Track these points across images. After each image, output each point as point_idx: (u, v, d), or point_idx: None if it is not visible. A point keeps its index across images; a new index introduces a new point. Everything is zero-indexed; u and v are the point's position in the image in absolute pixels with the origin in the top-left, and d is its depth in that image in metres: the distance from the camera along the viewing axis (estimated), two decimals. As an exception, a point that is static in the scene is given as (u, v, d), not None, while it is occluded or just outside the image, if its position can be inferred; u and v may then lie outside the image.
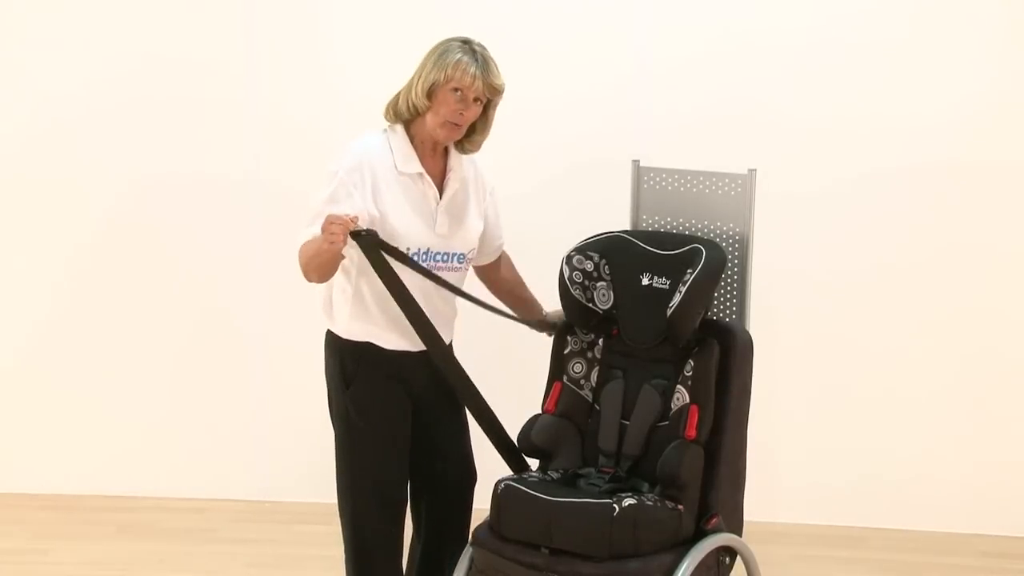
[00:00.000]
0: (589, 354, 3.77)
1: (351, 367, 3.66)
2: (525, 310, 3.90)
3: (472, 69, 3.51)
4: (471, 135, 3.62)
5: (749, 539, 3.70)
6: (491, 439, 3.74)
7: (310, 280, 3.56)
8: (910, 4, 4.83)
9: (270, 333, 5.18)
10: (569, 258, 3.72)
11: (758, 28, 4.88)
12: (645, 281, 3.69)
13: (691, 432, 3.51)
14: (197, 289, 5.17)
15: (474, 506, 3.90)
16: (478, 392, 3.70)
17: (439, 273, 3.61)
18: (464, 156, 3.68)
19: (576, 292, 3.70)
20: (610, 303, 3.72)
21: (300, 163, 5.01)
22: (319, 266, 3.49)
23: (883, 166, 4.86)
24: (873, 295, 4.92)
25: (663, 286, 3.65)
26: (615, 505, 3.37)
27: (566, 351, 3.78)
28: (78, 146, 5.14)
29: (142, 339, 5.20)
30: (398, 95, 3.60)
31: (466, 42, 3.57)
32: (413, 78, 3.56)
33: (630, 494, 3.47)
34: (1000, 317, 4.89)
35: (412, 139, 3.60)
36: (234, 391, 5.21)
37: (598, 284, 3.72)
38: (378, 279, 3.53)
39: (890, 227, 4.89)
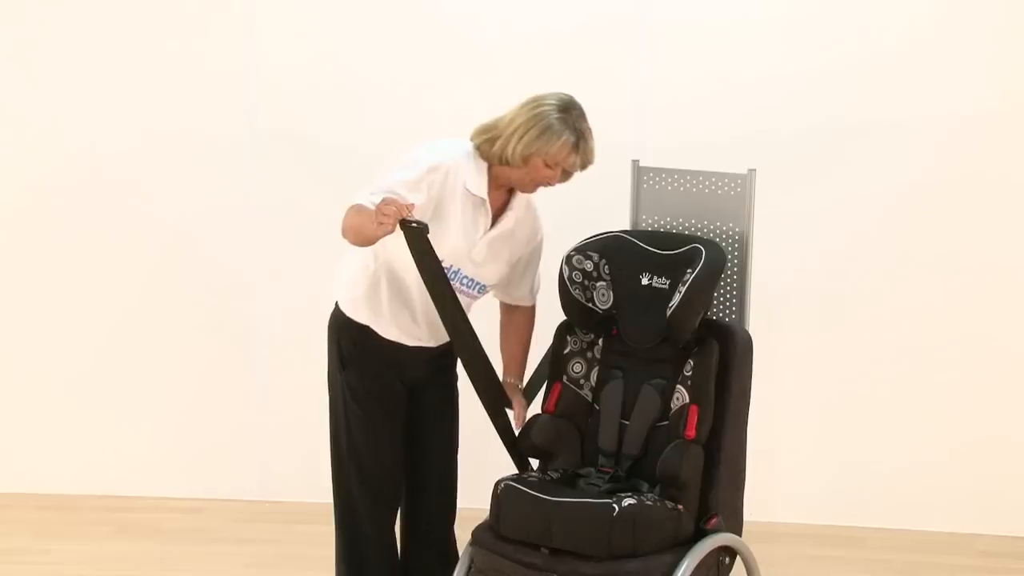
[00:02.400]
0: (589, 354, 3.77)
1: (348, 349, 3.70)
2: (507, 364, 3.85)
3: (573, 155, 3.55)
4: None
5: (749, 539, 3.70)
6: (500, 434, 3.75)
7: (345, 238, 3.47)
8: (910, 3, 4.82)
9: (270, 333, 5.17)
10: (569, 258, 3.72)
11: (758, 27, 4.88)
12: (645, 281, 3.69)
13: (691, 432, 3.51)
14: (196, 289, 5.17)
15: (474, 506, 3.91)
16: (501, 390, 3.72)
17: (457, 294, 3.63)
18: (526, 200, 3.69)
19: (576, 292, 3.71)
20: (610, 303, 3.72)
21: (304, 131, 5.04)
22: (358, 237, 3.43)
23: (884, 166, 4.85)
24: (873, 295, 4.92)
25: (663, 286, 3.65)
26: (615, 505, 3.37)
27: (566, 351, 3.78)
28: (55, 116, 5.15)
29: (142, 338, 5.20)
30: (493, 138, 3.56)
31: (566, 111, 3.54)
32: (510, 133, 3.53)
33: (630, 494, 3.47)
34: (1001, 317, 4.88)
35: (489, 168, 3.61)
36: (234, 391, 5.21)
37: (598, 284, 3.72)
38: (400, 276, 3.55)
39: (891, 227, 4.88)
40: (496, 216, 3.65)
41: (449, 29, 4.98)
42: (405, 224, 3.35)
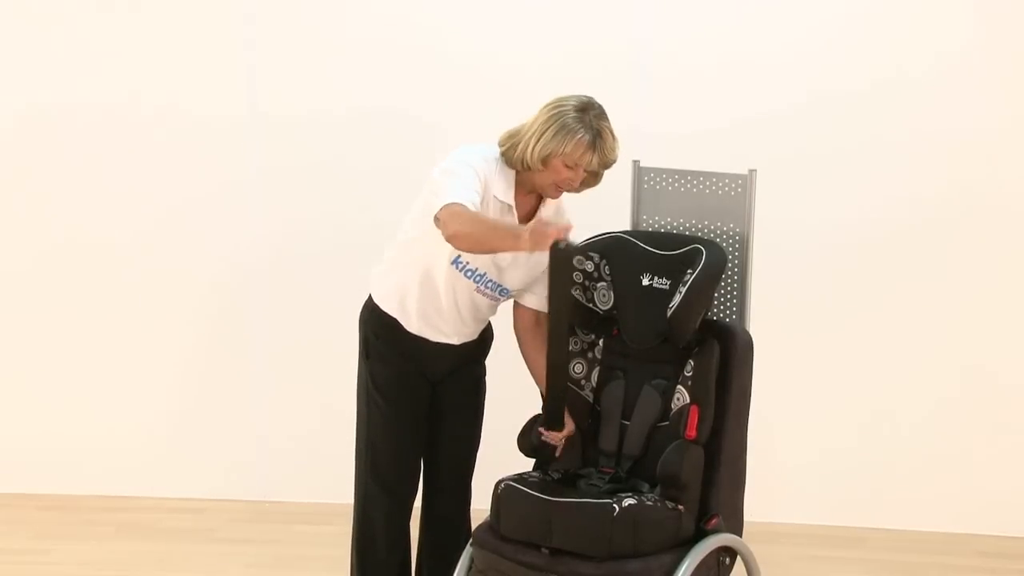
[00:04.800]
0: (590, 354, 3.77)
1: (373, 339, 3.77)
2: (541, 378, 3.80)
3: (589, 153, 3.53)
4: (580, 185, 3.64)
5: (749, 539, 3.71)
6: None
7: (456, 242, 3.43)
8: (913, 4, 4.82)
9: (271, 333, 5.17)
10: (569, 258, 3.72)
11: (758, 27, 4.88)
12: (645, 281, 3.69)
13: (691, 432, 3.52)
14: (196, 289, 5.17)
15: (475, 506, 3.92)
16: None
17: (481, 296, 3.69)
18: (555, 206, 3.70)
19: (576, 292, 3.71)
20: (610, 303, 3.72)
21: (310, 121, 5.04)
22: (487, 244, 3.40)
23: (884, 166, 4.86)
24: (873, 295, 4.92)
25: (663, 286, 3.65)
26: (615, 505, 3.38)
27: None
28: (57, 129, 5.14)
29: (142, 338, 5.19)
30: (516, 144, 3.57)
31: (584, 110, 3.54)
32: (529, 136, 3.55)
33: (630, 494, 3.47)
34: (1001, 318, 4.88)
35: (517, 173, 3.62)
36: (234, 391, 5.21)
37: (598, 284, 3.72)
38: (432, 277, 3.61)
39: (891, 227, 4.88)
40: (523, 222, 3.65)
41: (449, 28, 4.98)
42: (555, 244, 3.30)
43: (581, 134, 3.52)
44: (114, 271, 5.18)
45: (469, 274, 3.64)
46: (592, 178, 3.63)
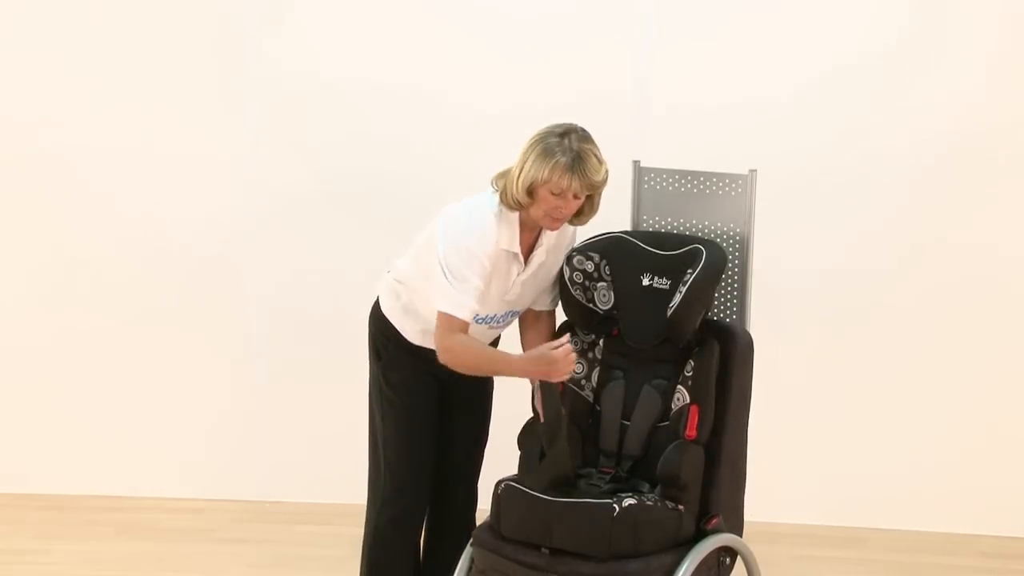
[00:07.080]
0: (590, 354, 3.77)
1: (382, 341, 3.79)
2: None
3: (567, 176, 3.48)
4: (579, 215, 3.63)
5: (749, 539, 3.71)
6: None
7: (451, 365, 3.55)
8: (911, 3, 4.83)
9: (270, 333, 5.17)
10: (569, 258, 3.72)
11: (759, 27, 4.88)
12: (645, 281, 3.69)
13: (691, 432, 3.52)
14: (196, 288, 5.17)
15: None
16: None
17: (495, 330, 3.74)
18: (555, 234, 3.69)
19: (576, 292, 3.71)
20: (610, 303, 3.72)
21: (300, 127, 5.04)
22: (484, 371, 3.59)
23: (885, 166, 4.86)
24: (874, 295, 4.92)
25: (663, 286, 3.65)
26: (615, 505, 3.38)
27: (567, 351, 3.78)
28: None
29: (141, 338, 5.20)
30: (505, 187, 3.56)
31: (565, 135, 3.52)
32: (515, 171, 3.53)
33: (630, 494, 3.47)
34: (1001, 318, 4.88)
35: (518, 215, 3.61)
36: (234, 391, 5.21)
37: (598, 284, 3.72)
38: (425, 318, 3.63)
39: (891, 228, 4.89)
40: (527, 255, 3.66)
41: (449, 29, 4.98)
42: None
43: (558, 157, 3.48)
44: (114, 274, 5.18)
45: (481, 320, 3.65)
46: (588, 205, 3.60)
